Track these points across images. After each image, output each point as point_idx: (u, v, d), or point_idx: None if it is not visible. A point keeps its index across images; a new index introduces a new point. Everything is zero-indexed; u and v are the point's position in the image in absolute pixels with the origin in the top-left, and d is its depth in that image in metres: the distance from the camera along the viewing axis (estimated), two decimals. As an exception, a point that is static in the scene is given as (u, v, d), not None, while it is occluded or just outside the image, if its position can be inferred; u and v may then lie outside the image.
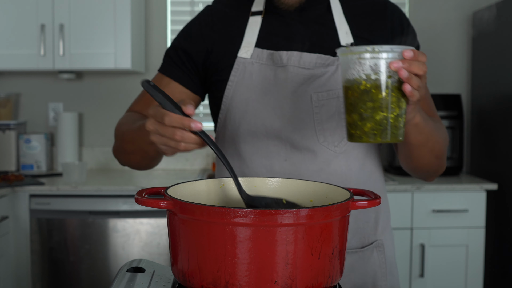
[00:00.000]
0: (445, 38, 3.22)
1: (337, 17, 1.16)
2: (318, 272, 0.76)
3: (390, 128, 0.86)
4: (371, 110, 0.85)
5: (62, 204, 2.56)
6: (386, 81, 0.84)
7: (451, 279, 2.68)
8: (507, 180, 2.72)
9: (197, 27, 1.22)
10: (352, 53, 0.84)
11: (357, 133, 0.88)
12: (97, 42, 2.81)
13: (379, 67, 0.83)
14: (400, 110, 0.87)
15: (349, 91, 0.87)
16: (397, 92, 0.85)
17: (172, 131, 0.86)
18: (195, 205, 0.75)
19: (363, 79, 0.84)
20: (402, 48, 0.84)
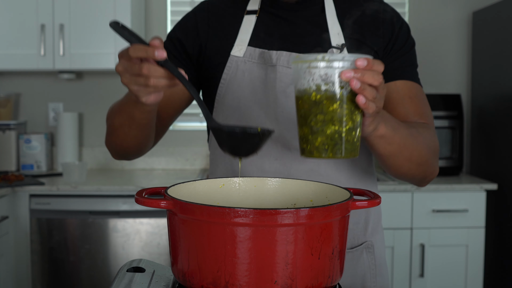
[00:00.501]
0: (445, 38, 3.22)
1: (330, 18, 1.16)
2: (318, 272, 0.76)
3: (342, 143, 0.80)
4: (322, 123, 0.80)
5: (62, 204, 2.56)
6: (337, 92, 0.78)
7: (451, 279, 2.68)
8: (507, 180, 2.72)
9: (193, 21, 1.22)
10: (303, 61, 0.79)
11: (308, 148, 0.82)
12: (97, 42, 2.81)
13: (330, 77, 0.78)
14: (354, 124, 0.81)
15: (300, 102, 0.81)
16: (350, 104, 0.80)
17: (139, 66, 0.85)
18: (195, 205, 0.75)
19: (313, 89, 0.79)
20: (355, 56, 0.78)
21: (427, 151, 1.09)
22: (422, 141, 1.07)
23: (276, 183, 0.97)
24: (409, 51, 1.18)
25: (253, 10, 1.19)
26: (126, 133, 1.12)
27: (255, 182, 0.97)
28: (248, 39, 1.17)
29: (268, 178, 0.98)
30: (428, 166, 1.11)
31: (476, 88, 3.12)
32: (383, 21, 1.17)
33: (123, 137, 1.13)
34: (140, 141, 1.14)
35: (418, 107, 1.15)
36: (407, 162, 1.06)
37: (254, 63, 1.15)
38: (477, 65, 3.10)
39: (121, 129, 1.11)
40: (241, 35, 1.17)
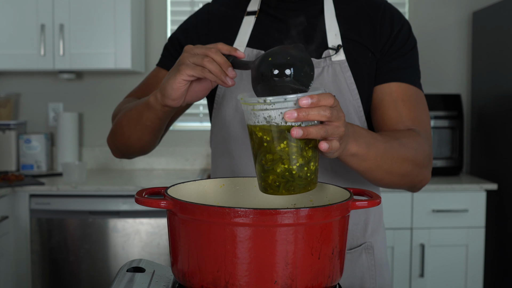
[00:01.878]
0: (445, 38, 3.22)
1: (328, 19, 1.16)
2: (318, 272, 0.76)
3: (294, 179, 0.80)
4: (272, 162, 0.80)
5: (62, 204, 2.56)
6: (283, 132, 0.78)
7: (451, 279, 2.68)
8: (507, 180, 2.72)
9: (193, 24, 1.23)
10: (247, 103, 0.79)
11: (262, 185, 0.83)
12: (97, 42, 2.81)
13: (274, 118, 0.77)
14: (305, 160, 0.80)
15: (251, 140, 0.82)
16: (299, 141, 0.79)
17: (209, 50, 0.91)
18: (195, 205, 0.75)
19: (258, 130, 0.79)
20: (297, 96, 0.76)
21: (410, 162, 1.05)
22: (404, 152, 1.04)
23: (276, 183, 0.97)
24: (408, 52, 1.16)
25: (253, 11, 1.19)
26: (131, 132, 1.14)
27: (255, 182, 0.97)
28: (246, 40, 1.17)
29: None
30: (414, 176, 1.08)
31: (476, 88, 3.12)
32: (381, 22, 1.16)
33: (127, 136, 1.15)
34: (142, 143, 1.16)
35: (412, 111, 1.12)
36: (388, 174, 1.03)
37: None
38: (477, 65, 3.10)
39: (127, 127, 1.14)
40: (240, 36, 1.18)
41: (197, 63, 0.92)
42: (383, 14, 1.17)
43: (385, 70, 1.14)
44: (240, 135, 1.16)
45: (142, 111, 1.07)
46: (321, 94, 0.78)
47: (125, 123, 1.14)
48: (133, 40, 2.86)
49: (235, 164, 1.17)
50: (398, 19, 1.18)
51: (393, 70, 1.14)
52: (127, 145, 1.18)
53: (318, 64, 1.13)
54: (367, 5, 1.18)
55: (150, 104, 1.03)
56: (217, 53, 0.91)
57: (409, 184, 1.10)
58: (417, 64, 1.18)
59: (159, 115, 1.05)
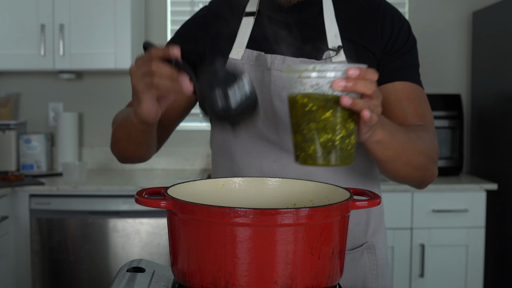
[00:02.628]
0: (445, 38, 3.22)
1: (327, 20, 1.15)
2: (318, 272, 0.76)
3: (336, 151, 0.80)
4: (315, 131, 0.80)
5: (62, 204, 2.56)
6: (329, 101, 0.78)
7: (451, 279, 2.68)
8: (507, 180, 2.72)
9: (191, 28, 1.23)
10: (294, 71, 0.79)
11: (302, 155, 0.83)
12: (97, 42, 2.81)
13: (321, 86, 0.78)
14: (348, 132, 0.81)
15: (293, 110, 0.82)
16: (344, 112, 0.79)
17: (149, 64, 0.88)
18: (195, 205, 0.75)
19: (303, 98, 0.79)
20: (347, 66, 0.78)
21: (425, 155, 1.08)
22: (420, 145, 1.07)
23: (276, 183, 0.97)
24: (409, 51, 1.17)
25: (251, 12, 1.18)
26: (124, 147, 1.17)
27: (255, 182, 0.97)
28: (246, 42, 1.16)
29: (268, 178, 0.98)
30: (426, 169, 1.10)
31: (476, 88, 3.12)
32: (382, 22, 1.16)
33: (123, 150, 1.19)
34: (138, 155, 1.19)
35: (417, 109, 1.14)
36: (405, 166, 1.05)
37: (252, 66, 1.15)
38: (477, 65, 3.10)
39: (121, 142, 1.18)
40: (239, 37, 1.17)
41: (148, 85, 0.91)
42: (384, 14, 1.17)
43: (388, 69, 1.14)
44: (241, 137, 1.16)
45: (128, 128, 1.09)
46: (368, 68, 0.80)
47: (118, 139, 1.18)
48: (133, 40, 2.86)
49: (236, 166, 1.17)
50: (398, 18, 1.18)
51: (396, 69, 1.15)
52: (125, 156, 1.23)
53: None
54: (366, 5, 1.18)
55: (133, 123, 1.05)
56: (159, 66, 0.89)
57: (421, 178, 1.12)
58: (418, 62, 1.19)
59: (144, 130, 1.07)
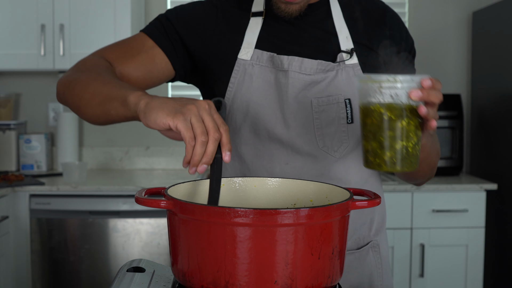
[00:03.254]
0: (445, 38, 3.22)
1: (337, 22, 1.16)
2: (318, 272, 0.76)
3: (409, 156, 0.87)
4: (391, 139, 0.85)
5: (62, 204, 2.56)
6: (406, 110, 0.84)
7: (451, 279, 2.68)
8: (507, 180, 2.72)
9: (201, 15, 1.18)
10: (373, 81, 0.84)
11: (377, 161, 0.88)
12: (97, 42, 2.81)
13: (400, 97, 0.84)
14: (417, 138, 0.87)
15: (368, 119, 0.87)
16: (415, 120, 0.86)
17: (214, 125, 0.81)
18: (195, 205, 0.75)
19: (384, 107, 0.85)
20: (420, 77, 0.84)
21: (437, 155, 1.17)
22: (436, 147, 1.16)
23: (276, 183, 0.97)
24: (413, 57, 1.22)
25: (259, 12, 1.17)
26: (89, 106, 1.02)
27: (255, 182, 0.97)
28: (255, 42, 1.14)
29: (268, 178, 0.98)
30: (435, 168, 1.20)
31: (476, 88, 3.12)
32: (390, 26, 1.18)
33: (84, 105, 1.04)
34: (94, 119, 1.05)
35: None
36: (427, 166, 1.15)
37: (262, 67, 1.13)
38: (477, 65, 3.10)
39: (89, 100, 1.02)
40: (248, 37, 1.15)
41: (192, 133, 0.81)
42: (390, 19, 1.19)
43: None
44: (251, 139, 1.15)
45: (114, 98, 0.95)
46: (436, 79, 0.86)
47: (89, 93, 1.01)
48: (133, 40, 2.86)
49: (246, 168, 1.16)
50: (402, 23, 1.21)
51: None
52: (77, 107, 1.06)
53: (332, 67, 1.13)
54: (372, 9, 1.19)
55: (128, 103, 0.91)
56: (214, 142, 0.81)
57: (428, 178, 1.22)
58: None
59: (128, 117, 0.94)
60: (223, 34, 1.17)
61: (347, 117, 1.12)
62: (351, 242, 1.18)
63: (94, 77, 1.04)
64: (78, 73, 1.08)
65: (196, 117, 0.81)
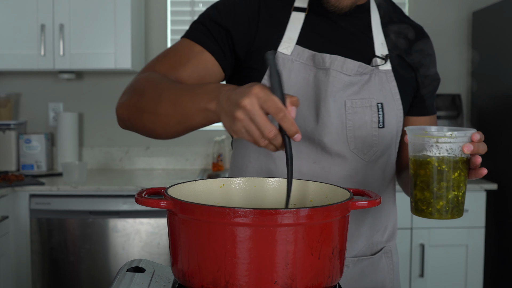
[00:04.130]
0: (445, 38, 3.22)
1: (375, 28, 1.17)
2: (318, 272, 0.76)
3: (459, 205, 0.93)
4: (445, 189, 0.92)
5: (62, 204, 2.56)
6: (458, 163, 0.91)
7: (451, 279, 2.68)
8: (507, 180, 2.72)
9: (243, 6, 1.14)
10: (430, 136, 0.91)
11: (429, 210, 0.93)
12: (97, 42, 2.81)
13: (454, 150, 0.91)
14: (465, 187, 0.94)
15: (422, 170, 0.93)
16: (466, 171, 0.93)
17: (267, 126, 0.77)
18: (195, 205, 0.75)
19: (439, 160, 0.91)
20: (471, 131, 0.91)
21: None
22: None
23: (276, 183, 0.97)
24: (437, 84, 1.26)
25: (302, 8, 1.15)
26: (171, 125, 0.98)
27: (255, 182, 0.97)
28: (296, 38, 1.12)
29: (268, 178, 0.98)
30: None
31: (476, 88, 3.12)
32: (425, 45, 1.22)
33: (164, 126, 1.00)
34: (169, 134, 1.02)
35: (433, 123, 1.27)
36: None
37: (302, 64, 1.12)
38: (477, 65, 3.10)
39: (166, 119, 0.97)
40: (289, 32, 1.13)
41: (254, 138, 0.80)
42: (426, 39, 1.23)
43: (426, 103, 1.24)
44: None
45: (194, 115, 0.92)
46: (480, 132, 0.93)
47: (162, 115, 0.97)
48: (133, 40, 2.86)
49: (273, 163, 1.14)
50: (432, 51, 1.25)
51: (431, 104, 1.27)
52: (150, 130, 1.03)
53: (369, 71, 1.13)
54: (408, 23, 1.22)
55: (210, 114, 0.89)
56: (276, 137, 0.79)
57: None
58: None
59: (209, 123, 0.92)
60: (265, 24, 1.13)
61: (379, 121, 1.13)
62: (366, 248, 1.19)
63: (158, 96, 0.98)
64: (138, 95, 1.03)
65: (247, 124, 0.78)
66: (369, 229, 1.17)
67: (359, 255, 1.17)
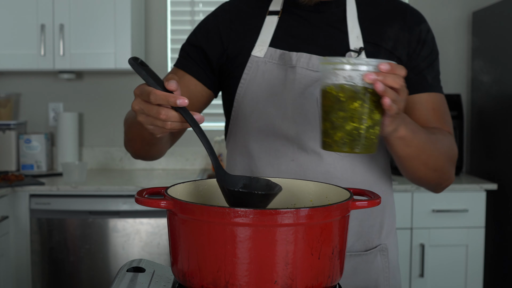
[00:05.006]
0: (445, 38, 3.22)
1: (350, 21, 1.16)
2: (318, 272, 0.76)
3: (360, 139, 0.86)
4: (342, 119, 0.85)
5: (62, 204, 2.56)
6: (359, 92, 0.84)
7: (451, 279, 2.68)
8: (507, 180, 2.72)
9: (214, 24, 1.22)
10: (329, 63, 0.85)
11: (328, 141, 0.88)
12: (97, 42, 2.81)
13: (353, 78, 0.84)
14: (373, 122, 0.86)
15: (324, 99, 0.87)
16: (371, 103, 0.85)
17: (157, 110, 0.85)
18: (195, 205, 0.75)
19: (337, 88, 0.85)
20: (378, 61, 0.84)
21: (444, 158, 1.11)
22: (440, 147, 1.10)
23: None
24: (435, 60, 1.20)
25: (275, 11, 1.18)
26: (138, 147, 1.16)
27: (255, 182, 0.97)
28: (269, 40, 1.16)
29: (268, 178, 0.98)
30: (443, 172, 1.13)
31: (476, 88, 3.12)
32: (409, 27, 1.17)
33: (136, 149, 1.18)
34: (152, 154, 1.18)
35: (441, 117, 1.18)
36: (423, 166, 1.08)
37: (274, 64, 1.15)
38: (477, 65, 3.10)
39: (134, 142, 1.16)
40: (262, 35, 1.17)
41: (160, 127, 0.88)
42: (411, 20, 1.19)
43: (416, 80, 1.17)
44: (259, 135, 1.16)
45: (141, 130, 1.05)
46: (397, 64, 0.86)
47: (131, 138, 1.16)
48: (133, 40, 2.86)
49: (254, 164, 1.17)
50: (425, 25, 1.20)
51: (424, 80, 1.18)
52: (138, 155, 1.21)
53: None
54: (392, 9, 1.19)
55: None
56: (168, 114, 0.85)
57: (437, 181, 1.15)
58: (439, 68, 1.22)
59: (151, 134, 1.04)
60: (239, 34, 1.19)
61: None
62: (359, 244, 1.17)
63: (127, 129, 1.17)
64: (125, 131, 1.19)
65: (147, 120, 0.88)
66: (361, 225, 1.16)
67: (350, 250, 1.16)
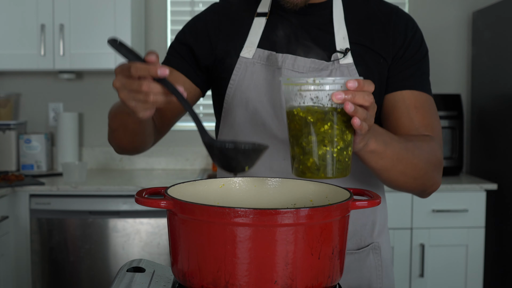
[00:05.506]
0: (445, 38, 3.22)
1: (336, 22, 1.16)
2: (318, 272, 0.76)
3: (334, 163, 0.81)
4: (314, 144, 0.80)
5: (62, 204, 2.56)
6: (327, 114, 0.79)
7: (451, 279, 2.68)
8: (507, 180, 2.72)
9: (203, 23, 1.23)
10: (293, 84, 0.80)
11: (300, 168, 0.83)
12: (97, 42, 2.81)
13: (320, 99, 0.79)
14: (345, 143, 0.82)
15: (292, 122, 0.82)
16: (341, 124, 0.81)
17: (138, 83, 0.84)
18: (195, 205, 0.75)
19: (304, 111, 0.80)
20: (345, 79, 0.79)
21: (424, 165, 1.08)
22: (419, 154, 1.06)
23: (276, 183, 0.97)
24: (421, 59, 1.17)
25: (263, 13, 1.20)
26: (121, 137, 1.16)
27: (255, 182, 0.97)
28: (257, 41, 1.17)
29: (268, 178, 0.98)
30: (426, 179, 1.10)
31: (476, 88, 3.12)
32: (394, 28, 1.17)
33: (119, 140, 1.18)
34: (135, 145, 1.18)
35: (424, 118, 1.14)
36: (402, 175, 1.06)
37: (263, 65, 1.16)
38: (477, 65, 3.10)
39: (117, 132, 1.16)
40: (251, 37, 1.18)
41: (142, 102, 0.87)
42: (396, 20, 1.18)
43: (398, 78, 1.15)
44: (251, 135, 1.16)
45: (124, 118, 1.08)
46: (366, 80, 0.82)
47: (114, 129, 1.16)
48: (133, 40, 2.86)
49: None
50: (411, 26, 1.19)
51: (406, 78, 1.15)
52: (121, 147, 1.21)
53: (326, 66, 1.14)
54: (379, 11, 1.19)
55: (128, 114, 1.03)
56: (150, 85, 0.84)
57: (421, 188, 1.12)
58: (428, 71, 1.20)
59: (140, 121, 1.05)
60: (228, 36, 1.20)
61: None
62: (352, 243, 1.18)
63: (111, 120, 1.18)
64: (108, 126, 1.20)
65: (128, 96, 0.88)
66: (352, 224, 1.16)
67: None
